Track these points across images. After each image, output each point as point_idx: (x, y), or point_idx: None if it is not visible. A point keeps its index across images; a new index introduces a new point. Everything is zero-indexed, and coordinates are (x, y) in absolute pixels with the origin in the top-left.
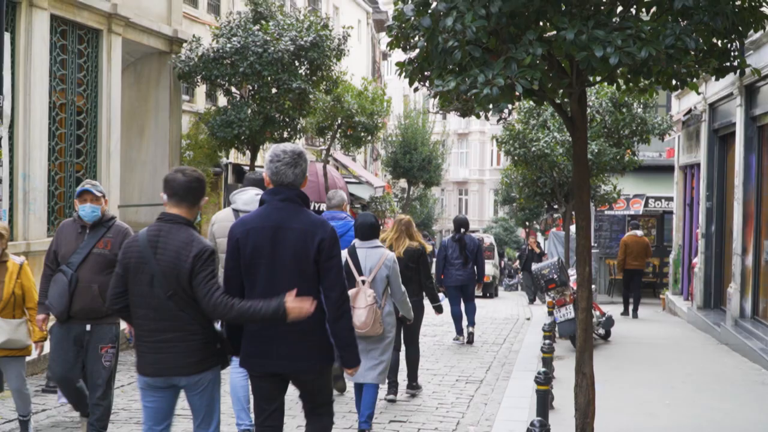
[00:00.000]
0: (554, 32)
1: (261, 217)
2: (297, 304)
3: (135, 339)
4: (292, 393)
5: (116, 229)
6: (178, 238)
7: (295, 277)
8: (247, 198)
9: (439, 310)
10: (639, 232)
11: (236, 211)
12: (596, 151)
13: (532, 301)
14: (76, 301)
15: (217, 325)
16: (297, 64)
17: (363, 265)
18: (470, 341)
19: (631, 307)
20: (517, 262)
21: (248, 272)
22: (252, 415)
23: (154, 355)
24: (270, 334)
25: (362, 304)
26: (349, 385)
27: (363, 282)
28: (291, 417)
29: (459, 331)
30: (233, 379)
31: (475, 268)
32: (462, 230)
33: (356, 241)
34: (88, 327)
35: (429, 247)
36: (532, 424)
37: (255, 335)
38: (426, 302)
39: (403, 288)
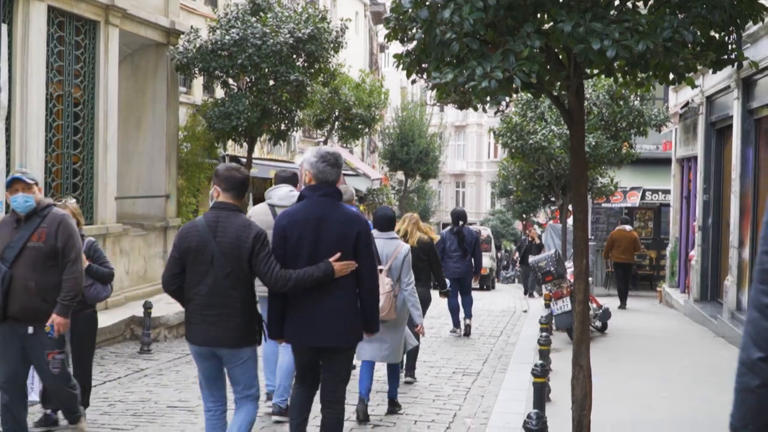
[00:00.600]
0: (552, 24)
1: (304, 210)
2: (342, 264)
3: (187, 313)
4: None
5: (51, 218)
6: (236, 222)
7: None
8: (282, 194)
9: (446, 294)
10: (628, 227)
11: (272, 206)
12: (593, 143)
13: (530, 295)
14: (14, 301)
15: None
16: (294, 56)
17: (381, 254)
18: (467, 333)
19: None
20: (517, 254)
21: (292, 259)
22: (276, 379)
23: (204, 327)
24: (313, 315)
25: (381, 291)
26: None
27: (381, 270)
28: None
29: (456, 323)
30: (266, 346)
31: (473, 260)
32: (460, 223)
33: (375, 232)
34: (30, 330)
35: (436, 238)
36: (528, 416)
37: (300, 316)
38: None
39: (412, 279)
